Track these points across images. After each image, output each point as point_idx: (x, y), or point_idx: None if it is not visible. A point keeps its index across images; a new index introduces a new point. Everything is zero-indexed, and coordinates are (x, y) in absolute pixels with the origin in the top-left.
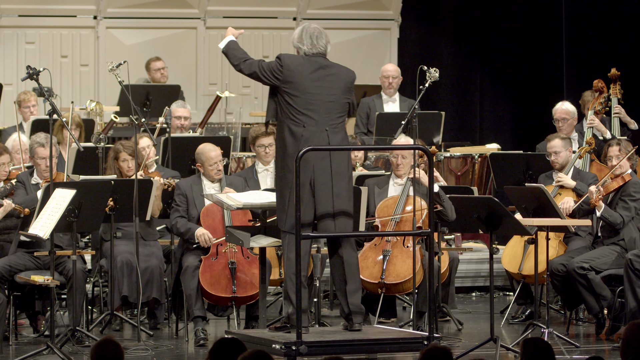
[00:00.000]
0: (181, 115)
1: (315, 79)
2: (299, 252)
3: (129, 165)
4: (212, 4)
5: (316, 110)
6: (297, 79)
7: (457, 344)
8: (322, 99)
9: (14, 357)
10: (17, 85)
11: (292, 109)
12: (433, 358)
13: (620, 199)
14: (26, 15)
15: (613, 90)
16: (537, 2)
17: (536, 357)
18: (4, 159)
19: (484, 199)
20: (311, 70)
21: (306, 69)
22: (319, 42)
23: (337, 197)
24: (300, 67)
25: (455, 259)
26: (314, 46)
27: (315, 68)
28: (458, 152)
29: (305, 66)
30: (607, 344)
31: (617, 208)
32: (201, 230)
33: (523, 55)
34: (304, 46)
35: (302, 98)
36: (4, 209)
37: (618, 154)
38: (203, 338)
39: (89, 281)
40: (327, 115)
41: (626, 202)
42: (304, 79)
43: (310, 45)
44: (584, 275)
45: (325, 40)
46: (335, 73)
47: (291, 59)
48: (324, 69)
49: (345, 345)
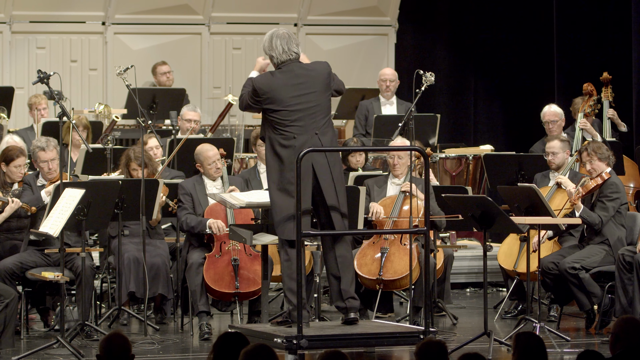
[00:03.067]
0: (191, 119)
1: (293, 89)
2: (299, 249)
3: (138, 175)
4: (216, 11)
5: (302, 119)
6: (276, 95)
7: (452, 338)
8: (304, 107)
9: (25, 350)
10: (29, 89)
11: (279, 124)
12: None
13: (598, 200)
14: (37, 22)
15: (605, 93)
16: (529, 9)
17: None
18: (20, 161)
19: (478, 198)
20: (287, 83)
21: (281, 83)
22: (291, 47)
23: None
24: (274, 84)
25: (450, 256)
26: (286, 52)
27: (290, 78)
28: (453, 153)
29: (280, 80)
30: (596, 338)
31: (596, 209)
32: (212, 220)
33: (515, 60)
34: (275, 54)
35: (286, 111)
36: (11, 207)
37: (589, 159)
38: (207, 332)
39: (97, 277)
40: (313, 120)
41: (603, 203)
42: (282, 94)
43: (281, 52)
44: (575, 274)
45: (296, 43)
46: (310, 76)
47: (262, 79)
48: (298, 77)
49: (344, 339)
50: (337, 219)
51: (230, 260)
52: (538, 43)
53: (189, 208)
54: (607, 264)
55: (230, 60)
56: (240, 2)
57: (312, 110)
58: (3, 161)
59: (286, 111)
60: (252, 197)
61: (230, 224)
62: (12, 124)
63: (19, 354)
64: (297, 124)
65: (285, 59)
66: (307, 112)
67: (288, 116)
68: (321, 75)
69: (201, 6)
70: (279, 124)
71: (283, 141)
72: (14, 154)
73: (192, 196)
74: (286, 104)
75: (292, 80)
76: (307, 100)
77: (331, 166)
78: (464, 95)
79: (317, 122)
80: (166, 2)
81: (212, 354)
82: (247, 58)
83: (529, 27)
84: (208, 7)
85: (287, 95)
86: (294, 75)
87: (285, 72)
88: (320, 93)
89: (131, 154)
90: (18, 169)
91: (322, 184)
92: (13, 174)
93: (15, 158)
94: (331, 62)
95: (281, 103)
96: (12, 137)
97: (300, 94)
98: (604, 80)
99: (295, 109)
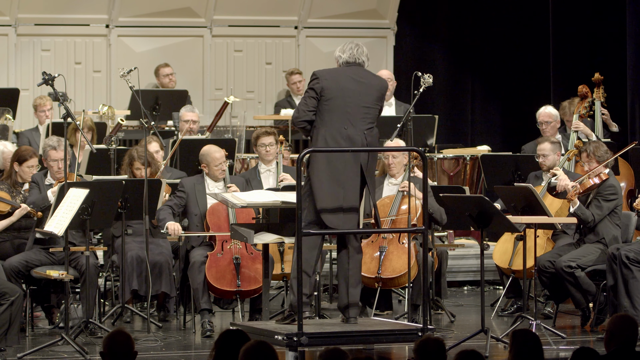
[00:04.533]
0: (190, 119)
1: (354, 84)
2: (300, 247)
3: (141, 174)
4: (217, 14)
5: (354, 114)
6: (335, 85)
7: (450, 335)
8: (358, 103)
9: (30, 347)
10: (34, 90)
11: (332, 113)
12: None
13: (594, 198)
14: (42, 24)
15: (597, 94)
16: (525, 13)
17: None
18: (33, 162)
19: (475, 198)
20: (348, 77)
21: (342, 75)
22: (360, 55)
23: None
24: (336, 74)
25: (444, 252)
26: (353, 56)
27: (352, 75)
28: (450, 154)
29: (341, 73)
30: (591, 335)
31: (590, 207)
32: (171, 223)
33: (512, 62)
34: (344, 55)
35: (341, 101)
36: (19, 211)
37: (587, 160)
38: (209, 329)
39: (101, 276)
40: (363, 120)
41: (599, 202)
42: (343, 83)
43: (349, 55)
44: (571, 273)
45: (365, 53)
46: (369, 82)
47: (323, 70)
48: (360, 77)
49: (343, 337)
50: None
51: (231, 259)
52: (534, 46)
53: (174, 205)
54: (602, 262)
55: (231, 62)
56: (242, 5)
57: (365, 111)
58: (16, 161)
59: (343, 101)
60: (253, 197)
61: (232, 223)
62: (17, 125)
63: (24, 350)
64: (349, 118)
65: (349, 61)
66: (360, 110)
67: (344, 106)
68: (379, 86)
69: (203, 9)
70: (332, 111)
71: (333, 131)
72: (28, 155)
73: (189, 195)
74: (345, 94)
75: (355, 77)
76: (363, 100)
77: (371, 170)
78: (462, 97)
79: (366, 124)
80: (169, 5)
81: (214, 350)
82: (248, 60)
83: (525, 31)
84: (210, 10)
85: (347, 86)
86: (356, 74)
87: (349, 70)
88: (374, 100)
89: (134, 154)
90: (30, 169)
91: (369, 184)
92: (25, 173)
93: (28, 158)
94: (332, 64)
95: (340, 91)
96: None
97: (358, 91)
98: (596, 81)
99: (351, 102)
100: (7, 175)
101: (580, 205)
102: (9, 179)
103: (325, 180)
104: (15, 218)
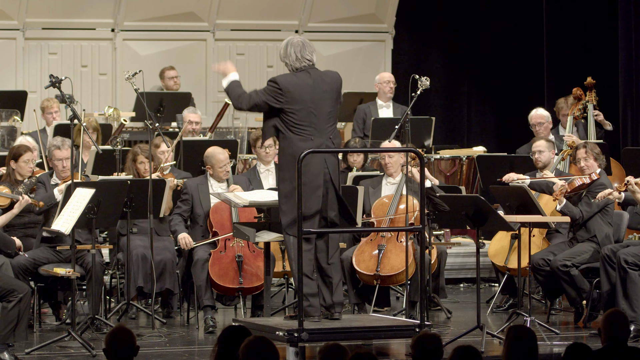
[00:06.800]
0: (193, 120)
1: (312, 91)
2: (300, 248)
3: (145, 167)
4: (220, 18)
5: (318, 123)
6: (297, 95)
7: (447, 331)
8: (321, 110)
9: (38, 343)
10: (41, 93)
11: (297, 125)
12: (424, 344)
13: (585, 196)
14: (49, 28)
15: (589, 97)
16: (520, 18)
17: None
18: (28, 156)
19: (471, 197)
20: (307, 85)
21: (303, 83)
22: (304, 55)
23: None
24: (296, 84)
25: (444, 252)
26: (299, 60)
27: (308, 81)
28: (447, 154)
29: (300, 81)
30: (585, 331)
31: (580, 204)
32: (182, 235)
33: (506, 65)
34: (289, 61)
35: (306, 112)
36: (20, 203)
37: (585, 156)
38: (212, 326)
39: (106, 273)
40: (327, 125)
41: (589, 199)
42: (304, 94)
43: (294, 59)
44: (566, 272)
45: (310, 50)
46: (326, 82)
47: (285, 79)
48: (316, 82)
49: (343, 332)
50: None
51: (234, 257)
52: (528, 50)
53: (183, 211)
54: (595, 260)
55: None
56: (244, 9)
57: (328, 115)
58: (12, 159)
59: (306, 112)
60: (255, 196)
61: (234, 222)
62: (25, 126)
63: (32, 346)
64: (314, 127)
65: (298, 66)
66: (323, 116)
67: (307, 117)
68: (335, 83)
69: (206, 13)
70: (297, 124)
71: (300, 143)
72: (22, 150)
73: (193, 196)
74: (307, 105)
75: (313, 83)
76: (324, 105)
77: (337, 171)
78: (458, 99)
79: (330, 128)
80: (173, 10)
81: (217, 346)
82: (251, 63)
83: (520, 36)
84: (213, 15)
85: (308, 97)
86: (311, 79)
87: (304, 76)
88: (334, 101)
89: (137, 150)
90: (27, 163)
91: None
92: (22, 169)
93: (23, 153)
94: (331, 67)
95: (302, 103)
96: (25, 138)
97: (319, 97)
98: (589, 85)
99: (313, 112)
100: (5, 176)
101: (567, 203)
102: (8, 178)
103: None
104: (16, 210)
